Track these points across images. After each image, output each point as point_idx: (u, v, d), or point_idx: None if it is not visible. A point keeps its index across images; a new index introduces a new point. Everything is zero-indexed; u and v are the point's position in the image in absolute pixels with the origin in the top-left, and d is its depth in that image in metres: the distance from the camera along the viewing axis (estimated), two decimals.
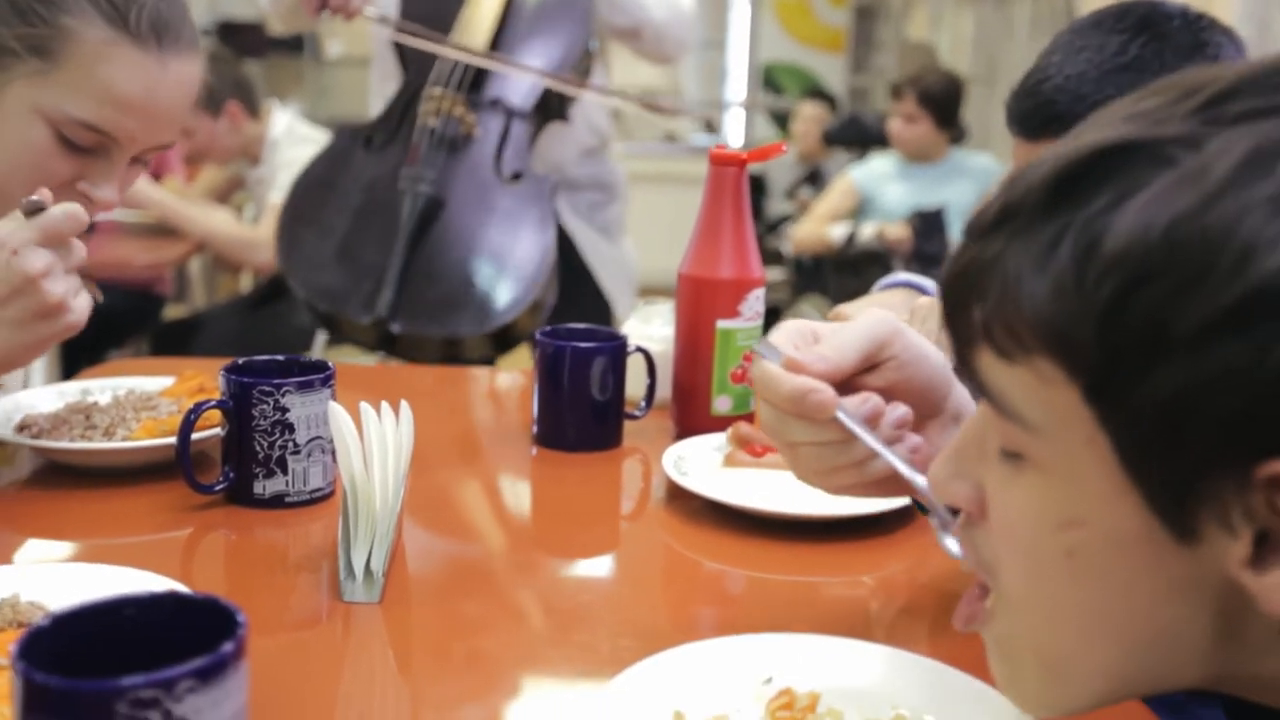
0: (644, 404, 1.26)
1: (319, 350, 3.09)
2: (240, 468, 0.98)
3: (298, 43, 6.90)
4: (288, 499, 0.98)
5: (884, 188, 3.74)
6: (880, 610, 0.88)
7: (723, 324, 1.20)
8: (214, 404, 0.97)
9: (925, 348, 0.73)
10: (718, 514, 1.02)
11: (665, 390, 1.28)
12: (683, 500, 1.06)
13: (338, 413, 0.84)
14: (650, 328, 1.37)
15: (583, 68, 2.11)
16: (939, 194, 3.62)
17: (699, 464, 1.12)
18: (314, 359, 1.03)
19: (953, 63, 5.98)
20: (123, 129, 1.04)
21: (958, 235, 3.70)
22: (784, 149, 1.26)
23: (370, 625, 0.81)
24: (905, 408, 0.71)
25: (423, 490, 1.04)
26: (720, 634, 0.72)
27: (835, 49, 7.16)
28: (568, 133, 2.17)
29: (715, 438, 1.17)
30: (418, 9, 2.06)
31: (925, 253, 3.45)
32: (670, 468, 1.08)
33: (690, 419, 1.23)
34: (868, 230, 3.59)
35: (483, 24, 2.07)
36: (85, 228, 0.93)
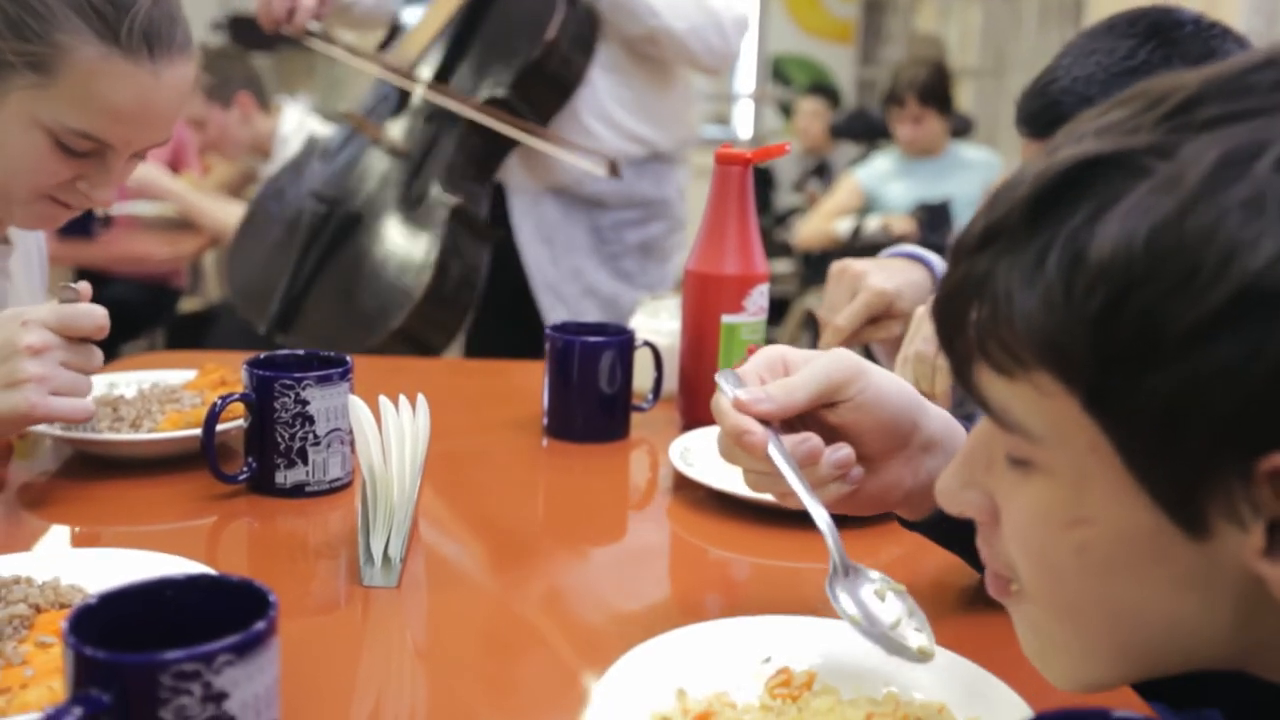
0: (651, 396, 1.29)
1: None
2: (262, 458, 1.02)
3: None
4: (308, 488, 1.02)
5: (887, 185, 3.77)
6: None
7: (727, 319, 1.23)
8: (237, 397, 1.01)
9: (887, 387, 0.75)
10: (722, 503, 1.05)
11: (672, 383, 1.31)
12: (688, 490, 1.09)
13: (358, 406, 0.87)
14: (657, 322, 1.41)
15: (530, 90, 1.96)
16: (941, 188, 3.65)
17: (704, 454, 1.15)
18: (332, 354, 1.07)
19: (961, 55, 6.00)
20: (118, 136, 1.07)
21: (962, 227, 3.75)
22: (787, 149, 1.29)
23: (388, 608, 0.85)
24: (847, 449, 0.73)
25: (438, 480, 1.08)
26: (723, 617, 0.76)
27: (844, 41, 7.16)
28: (577, 141, 2.05)
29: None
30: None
31: (931, 244, 3.46)
32: (676, 458, 1.11)
33: (696, 411, 1.26)
34: (873, 224, 3.62)
35: (421, 40, 2.02)
36: (105, 332, 0.95)
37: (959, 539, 0.78)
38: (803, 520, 1.02)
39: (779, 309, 4.50)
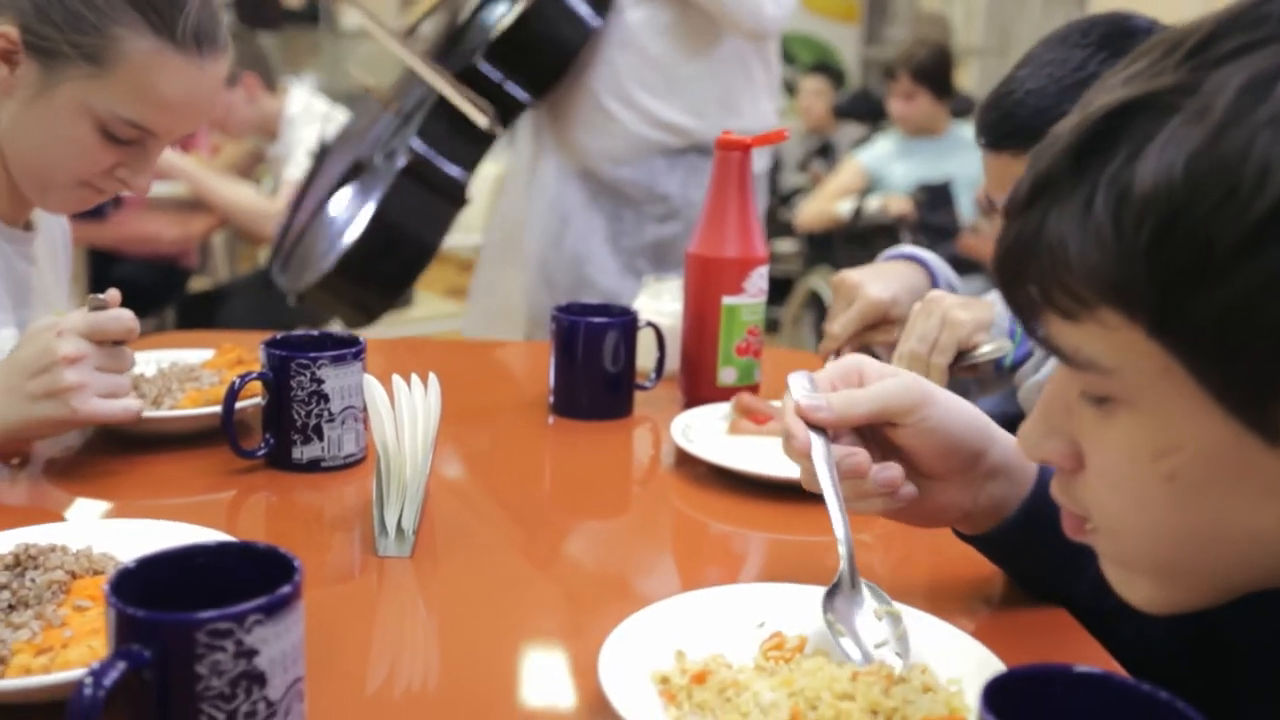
0: (654, 375, 1.33)
1: (340, 322, 3.17)
2: (279, 435, 1.06)
3: (313, 14, 6.92)
4: (323, 463, 1.06)
5: (890, 166, 3.79)
6: (877, 565, 0.95)
7: (728, 300, 1.27)
8: (255, 376, 1.05)
9: (951, 417, 0.77)
10: (723, 478, 1.09)
11: (674, 362, 1.35)
12: (690, 465, 1.13)
13: (372, 384, 0.91)
14: (660, 303, 1.44)
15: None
16: (943, 167, 3.67)
17: (705, 431, 1.18)
18: (345, 334, 1.11)
19: (965, 34, 5.99)
20: (163, 125, 1.12)
21: (965, 207, 3.74)
22: (786, 135, 1.32)
23: (402, 577, 0.89)
24: (895, 471, 0.76)
25: (449, 455, 1.12)
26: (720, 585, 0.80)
27: (849, 20, 7.15)
28: (591, 120, 2.01)
29: (721, 407, 1.23)
30: None
31: (932, 225, 3.50)
32: (678, 435, 1.15)
33: (697, 389, 1.30)
34: (873, 204, 3.64)
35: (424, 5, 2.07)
36: (135, 335, 1.00)
37: (1011, 556, 0.81)
38: (802, 495, 1.06)
39: (783, 288, 4.52)
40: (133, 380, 1.16)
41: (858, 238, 3.68)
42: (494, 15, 1.99)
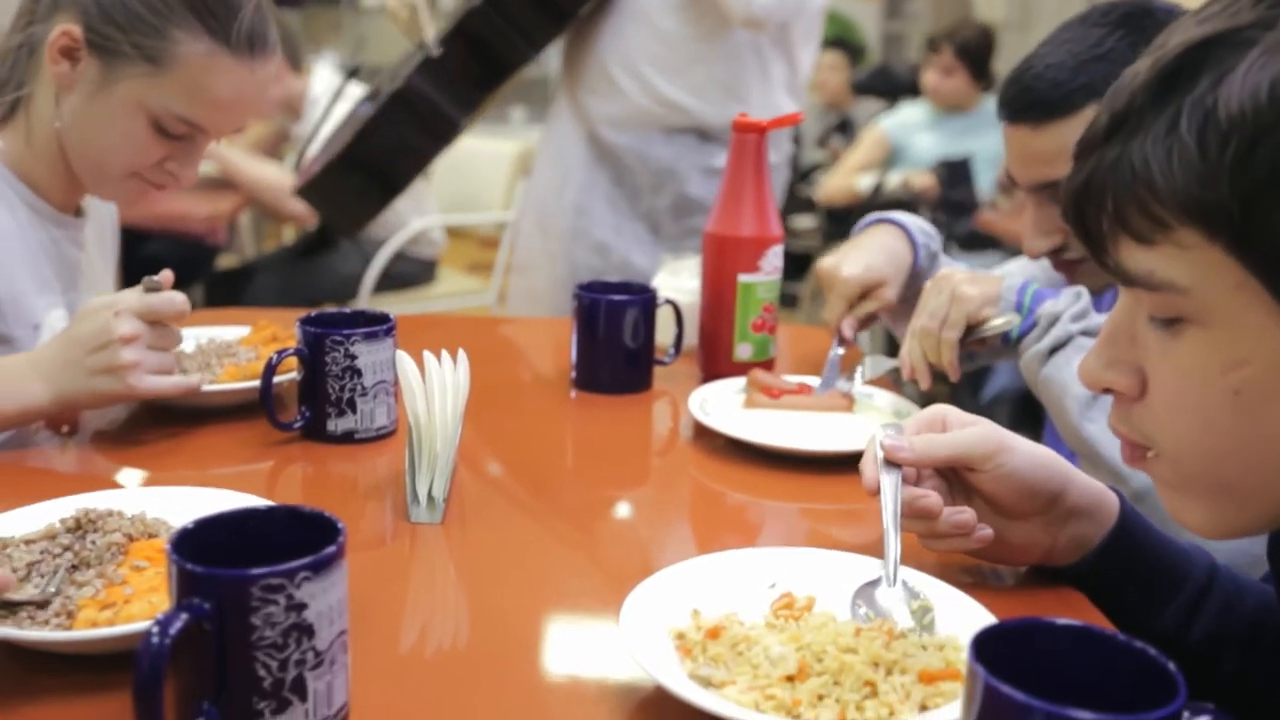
0: (672, 351, 1.37)
1: (365, 298, 3.22)
2: (314, 408, 1.11)
3: None
4: (357, 435, 1.11)
5: (914, 137, 3.80)
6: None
7: (744, 278, 1.31)
8: (291, 352, 1.10)
9: (1028, 463, 0.81)
10: (738, 450, 1.14)
11: (692, 338, 1.39)
12: (707, 438, 1.17)
13: (404, 360, 0.96)
14: (679, 281, 1.49)
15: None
16: (968, 143, 3.68)
17: (722, 405, 1.23)
18: (377, 312, 1.15)
19: (987, 9, 5.97)
20: (213, 123, 1.18)
21: (984, 184, 3.74)
22: (801, 118, 1.36)
23: (433, 543, 0.94)
24: (968, 514, 0.81)
25: (477, 427, 1.16)
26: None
27: None
28: (595, 83, 2.05)
29: (737, 381, 1.28)
30: None
31: (952, 200, 3.52)
32: (695, 409, 1.19)
33: (714, 364, 1.34)
34: (894, 179, 3.66)
35: None
36: (186, 314, 1.06)
37: (1094, 590, 0.85)
38: (813, 466, 1.11)
39: (802, 264, 4.55)
40: (174, 357, 1.21)
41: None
42: None
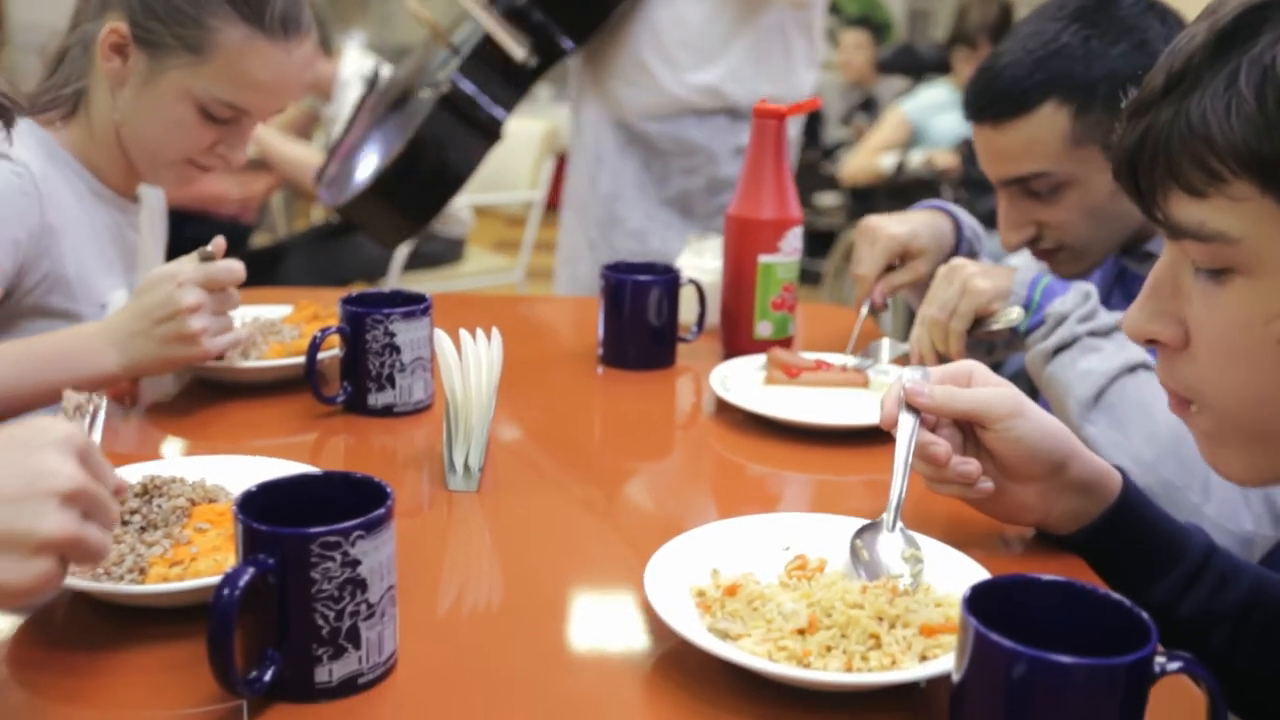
0: (695, 329, 1.43)
1: (395, 276, 3.28)
2: (356, 383, 1.17)
3: None
4: (395, 409, 1.17)
5: (936, 118, 3.82)
6: (916, 503, 1.03)
7: (764, 258, 1.36)
8: (334, 330, 1.16)
9: (1036, 431, 0.86)
10: (758, 424, 1.19)
11: (714, 317, 1.45)
12: (728, 413, 1.23)
13: (441, 338, 1.02)
14: (702, 261, 1.54)
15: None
16: None
17: (743, 381, 1.28)
18: (414, 292, 1.21)
19: None
20: (256, 105, 1.25)
21: None
22: (819, 104, 1.40)
23: (469, 510, 1.00)
24: (973, 465, 0.86)
25: (509, 401, 1.22)
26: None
27: None
28: (631, 76, 2.10)
29: (757, 358, 1.33)
30: None
31: (974, 178, 3.54)
32: (717, 385, 1.25)
33: (735, 342, 1.40)
34: (916, 158, 3.69)
35: None
36: (241, 279, 1.12)
37: (1087, 557, 0.90)
38: (830, 439, 1.16)
39: (826, 240, 4.58)
40: None
41: (899, 192, 3.73)
42: None
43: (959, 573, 0.81)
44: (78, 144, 1.29)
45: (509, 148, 4.09)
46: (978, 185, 3.52)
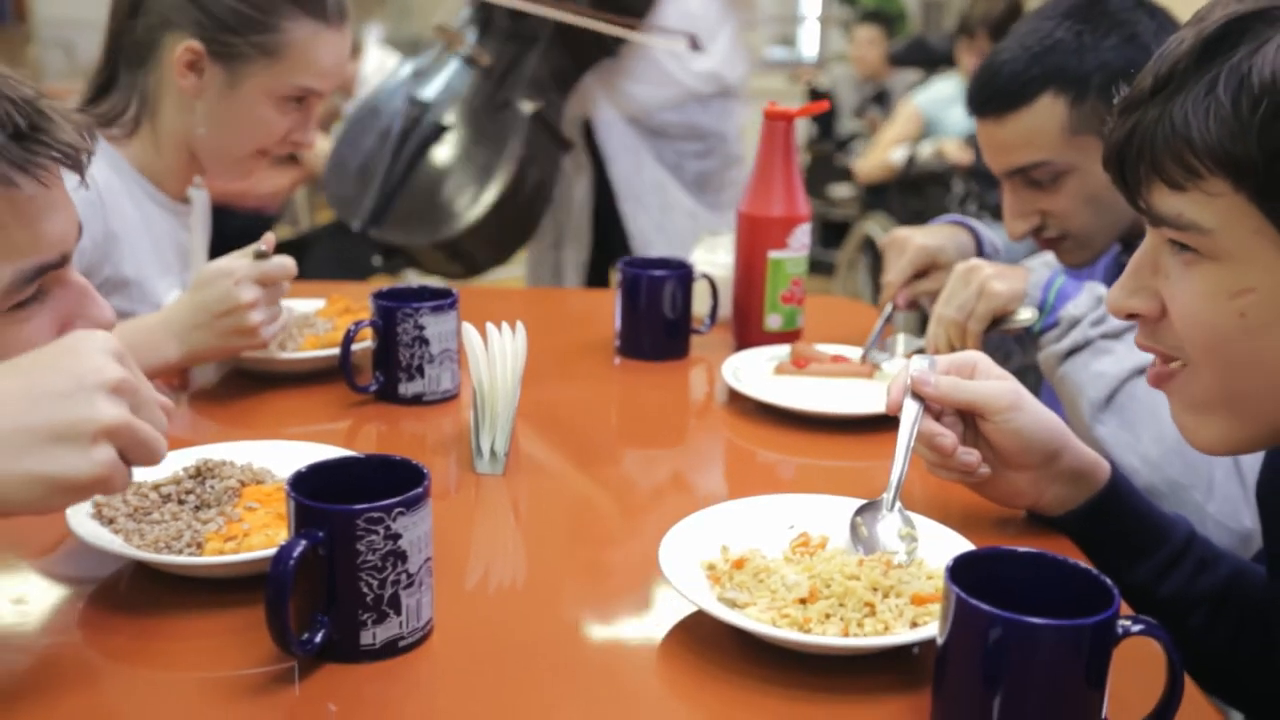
0: (708, 321, 1.49)
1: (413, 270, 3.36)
2: (387, 373, 1.24)
3: None
4: (425, 398, 1.24)
5: (947, 110, 3.86)
6: (920, 485, 1.09)
7: (774, 254, 1.42)
8: (366, 323, 1.23)
9: (1033, 424, 0.91)
10: (768, 413, 1.25)
11: (726, 310, 1.51)
12: (740, 401, 1.29)
13: (470, 331, 1.09)
14: (714, 256, 1.60)
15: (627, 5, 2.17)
16: None
17: (753, 372, 1.34)
18: (441, 286, 1.28)
19: None
20: (322, 87, 1.35)
21: None
22: (827, 106, 1.46)
23: (495, 492, 1.07)
24: (974, 456, 0.92)
25: (532, 389, 1.28)
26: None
27: None
28: (644, 73, 2.22)
29: (768, 349, 1.40)
30: None
31: (984, 170, 3.57)
32: (729, 375, 1.31)
33: (747, 334, 1.46)
34: (927, 149, 3.73)
35: None
36: (293, 275, 1.21)
37: (1074, 538, 0.96)
38: (838, 427, 1.22)
39: (840, 232, 4.64)
40: None
41: (911, 185, 3.78)
42: None
43: (952, 550, 0.86)
44: (139, 157, 1.36)
45: None
46: (987, 177, 3.55)
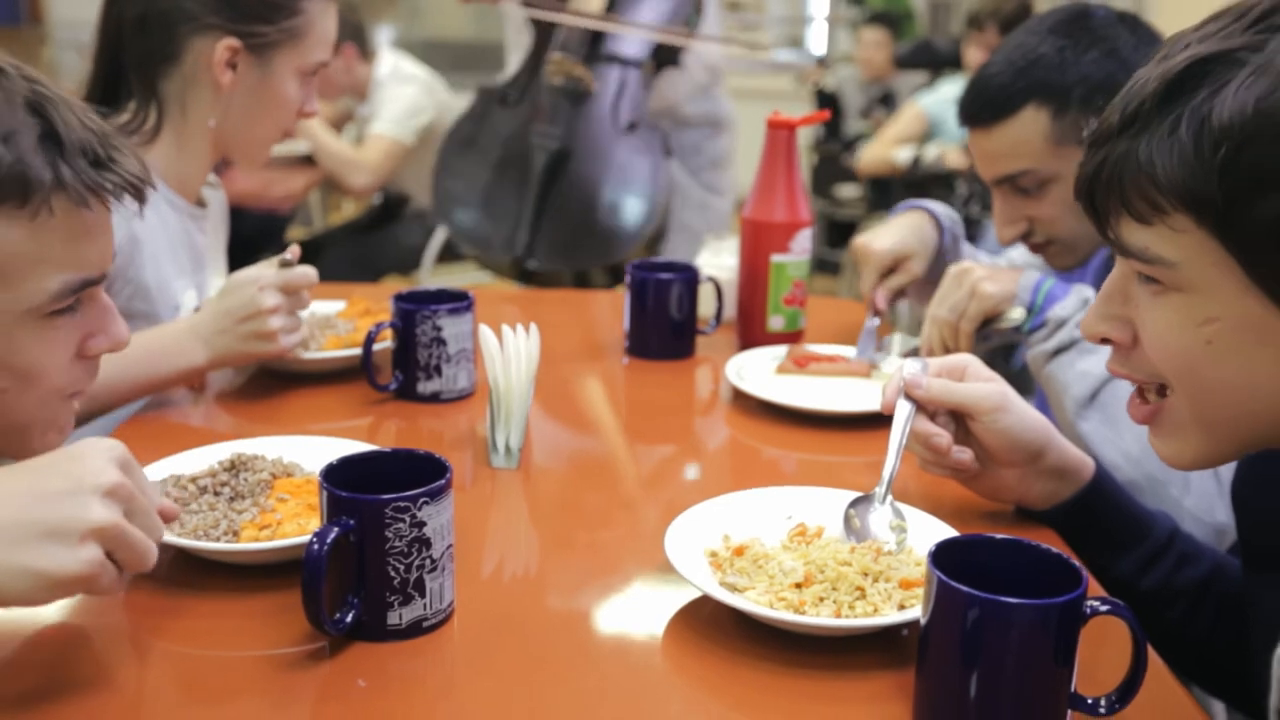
0: (713, 322, 1.55)
1: (428, 269, 3.42)
2: (407, 372, 1.30)
3: None
4: (442, 396, 1.30)
5: (952, 112, 3.90)
6: (914, 481, 1.15)
7: (776, 258, 1.48)
8: (387, 325, 1.29)
9: (1018, 425, 0.97)
10: (770, 410, 1.31)
11: (731, 311, 1.57)
12: (743, 399, 1.35)
13: (486, 333, 1.14)
14: (720, 259, 1.66)
15: (691, 17, 2.37)
16: None
17: (756, 371, 1.40)
18: (457, 289, 1.33)
19: None
20: (330, 57, 1.43)
21: None
22: (827, 117, 1.52)
23: (510, 485, 1.13)
24: (967, 455, 0.98)
25: (545, 388, 1.35)
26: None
27: None
28: (681, 74, 2.43)
29: (770, 349, 1.45)
30: None
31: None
32: (733, 374, 1.36)
33: (750, 334, 1.52)
34: (931, 153, 3.78)
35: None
36: (314, 284, 1.26)
37: (1059, 531, 1.01)
38: (837, 424, 1.28)
39: (846, 231, 4.68)
40: None
41: (916, 185, 3.83)
42: None
43: (939, 539, 0.92)
44: (159, 163, 1.40)
45: None
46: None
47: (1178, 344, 0.74)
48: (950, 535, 0.91)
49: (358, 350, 1.31)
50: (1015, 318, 1.28)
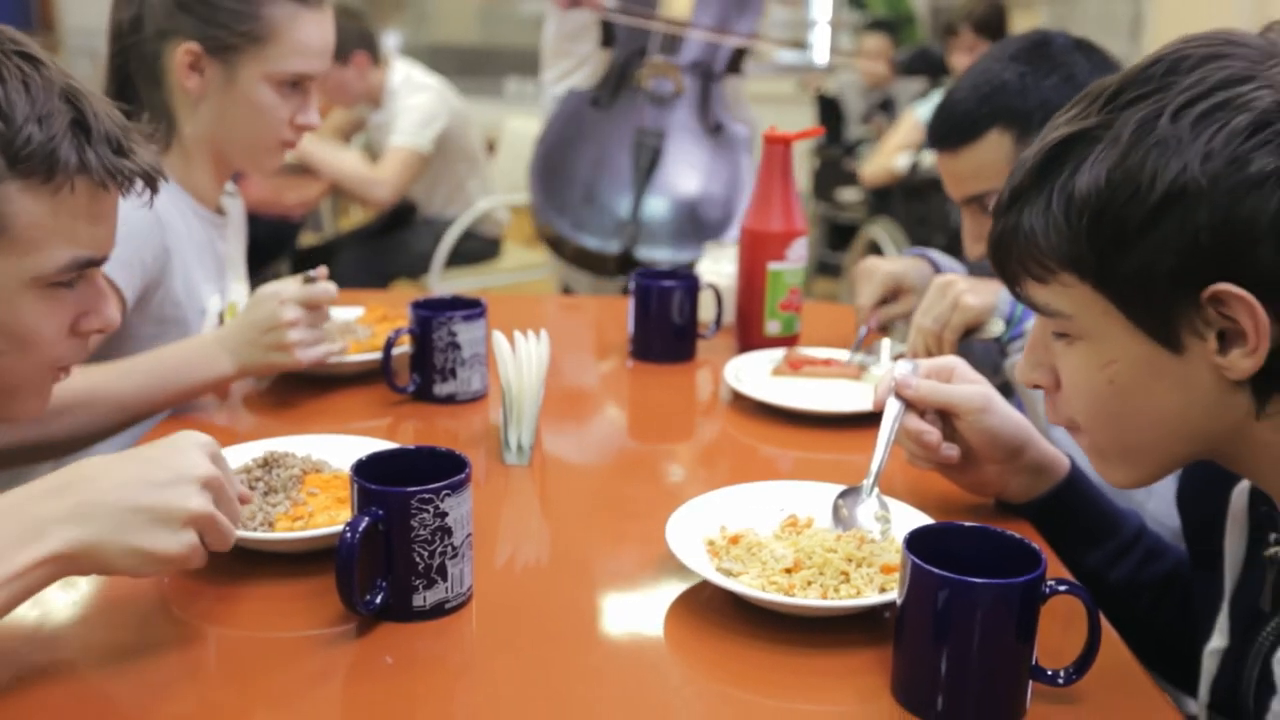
0: (713, 327, 1.62)
1: (437, 273, 3.49)
2: (424, 375, 1.37)
3: None
4: (457, 397, 1.37)
5: None
6: (900, 475, 1.22)
7: (773, 265, 1.56)
8: (405, 330, 1.36)
9: (999, 423, 1.04)
10: (767, 412, 1.38)
11: (730, 316, 1.64)
12: (742, 401, 1.42)
13: (499, 337, 1.22)
14: (719, 266, 1.73)
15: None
16: None
17: (754, 373, 1.47)
18: (470, 297, 1.41)
19: None
20: (313, 68, 1.45)
21: None
22: (823, 131, 1.59)
23: (522, 481, 1.20)
24: (955, 450, 1.05)
25: (554, 389, 1.42)
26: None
27: None
28: (741, 81, 2.61)
29: (767, 353, 1.53)
30: None
31: None
32: (731, 376, 1.44)
33: (748, 338, 1.59)
34: (928, 159, 3.85)
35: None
36: (334, 299, 1.32)
37: (1036, 524, 1.08)
38: (831, 423, 1.35)
39: (847, 234, 4.75)
40: None
41: (915, 190, 3.90)
42: None
43: (903, 520, 1.00)
44: (176, 170, 1.45)
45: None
46: None
47: (1087, 386, 0.81)
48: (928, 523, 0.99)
49: (377, 355, 1.38)
50: (995, 331, 1.35)
